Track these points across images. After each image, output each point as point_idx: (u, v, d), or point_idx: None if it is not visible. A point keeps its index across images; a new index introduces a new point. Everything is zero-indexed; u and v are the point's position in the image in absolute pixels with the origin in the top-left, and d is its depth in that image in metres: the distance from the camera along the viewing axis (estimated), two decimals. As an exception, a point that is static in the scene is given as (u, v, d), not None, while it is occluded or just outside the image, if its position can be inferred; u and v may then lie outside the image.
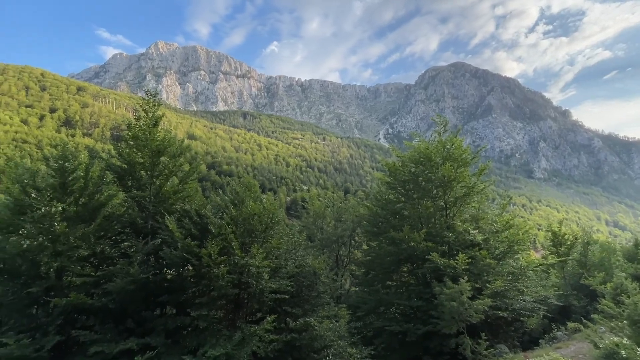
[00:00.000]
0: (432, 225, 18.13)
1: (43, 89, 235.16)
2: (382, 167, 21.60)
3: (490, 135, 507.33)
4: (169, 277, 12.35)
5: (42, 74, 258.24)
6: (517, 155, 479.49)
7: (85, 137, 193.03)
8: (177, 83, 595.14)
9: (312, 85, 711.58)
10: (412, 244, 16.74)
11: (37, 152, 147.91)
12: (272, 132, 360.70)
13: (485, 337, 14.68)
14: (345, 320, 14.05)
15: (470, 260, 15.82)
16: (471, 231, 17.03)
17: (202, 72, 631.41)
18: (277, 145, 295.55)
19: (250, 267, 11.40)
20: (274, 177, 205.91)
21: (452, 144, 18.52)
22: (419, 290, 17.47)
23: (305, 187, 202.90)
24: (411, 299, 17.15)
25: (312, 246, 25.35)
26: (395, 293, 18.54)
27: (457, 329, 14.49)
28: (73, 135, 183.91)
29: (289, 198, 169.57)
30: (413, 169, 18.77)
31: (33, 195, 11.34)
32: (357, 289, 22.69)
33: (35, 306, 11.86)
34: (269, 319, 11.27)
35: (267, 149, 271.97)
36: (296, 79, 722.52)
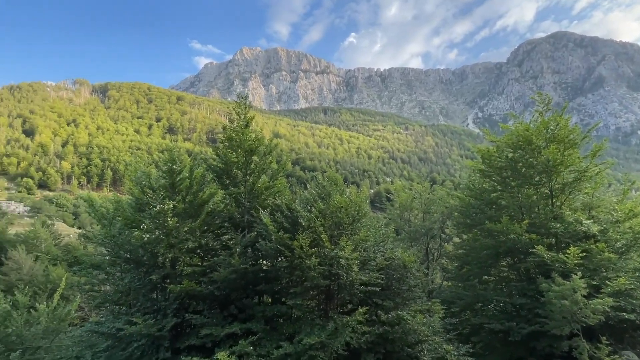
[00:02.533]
0: (536, 216, 16.40)
1: (150, 101, 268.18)
2: (474, 154, 20.19)
3: (602, 111, 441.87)
4: (264, 267, 13.15)
5: (148, 88, 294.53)
6: (639, 132, 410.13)
7: (186, 141, 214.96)
8: (261, 85, 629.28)
9: (391, 74, 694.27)
10: (512, 236, 15.35)
11: (147, 157, 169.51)
12: (353, 126, 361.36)
13: (607, 342, 12.87)
14: (440, 315, 13.50)
15: (584, 254, 13.98)
16: (584, 221, 14.99)
17: (284, 73, 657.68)
18: (358, 138, 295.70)
19: (340, 259, 11.56)
20: (356, 170, 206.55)
21: (557, 124, 16.47)
22: (521, 286, 15.99)
23: (388, 179, 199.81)
24: (512, 296, 15.79)
25: (400, 239, 24.80)
26: (494, 289, 17.25)
27: (570, 330, 12.94)
28: (175, 141, 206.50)
29: (372, 191, 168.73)
30: (511, 154, 17.15)
31: (150, 194, 12.95)
32: (450, 283, 21.65)
33: (156, 291, 13.60)
34: (360, 310, 11.33)
35: (349, 143, 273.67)
36: (375, 70, 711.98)
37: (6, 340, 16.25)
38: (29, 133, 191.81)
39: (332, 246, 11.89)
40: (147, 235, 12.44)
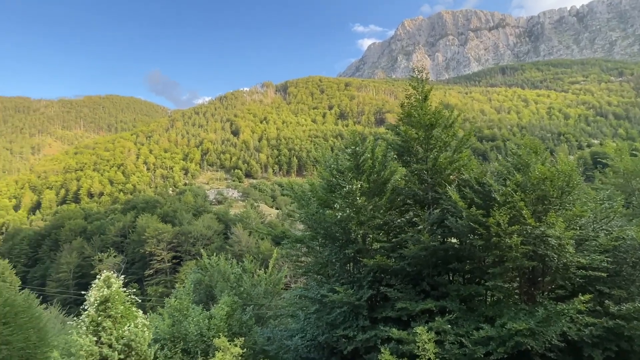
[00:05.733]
0: None
1: (322, 92, 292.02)
2: None
3: None
4: (455, 245, 12.59)
5: (319, 80, 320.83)
6: None
7: (356, 124, 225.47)
8: (426, 56, 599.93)
9: (593, 8, 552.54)
10: None
11: (324, 143, 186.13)
12: (541, 82, 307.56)
13: None
14: None
15: None
16: None
17: (450, 37, 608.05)
18: (548, 96, 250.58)
19: (549, 238, 9.99)
20: (549, 135, 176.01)
21: None
22: None
23: (595, 141, 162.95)
24: None
25: (627, 215, 19.69)
26: None
27: None
28: (346, 125, 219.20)
29: (571, 157, 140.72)
30: None
31: (338, 176, 14.05)
32: None
33: (350, 264, 14.81)
34: (580, 298, 9.58)
35: (536, 103, 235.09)
36: (568, 9, 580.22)
37: (241, 296, 20.88)
38: (235, 133, 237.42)
39: (537, 223, 10.37)
40: (340, 214, 13.56)
